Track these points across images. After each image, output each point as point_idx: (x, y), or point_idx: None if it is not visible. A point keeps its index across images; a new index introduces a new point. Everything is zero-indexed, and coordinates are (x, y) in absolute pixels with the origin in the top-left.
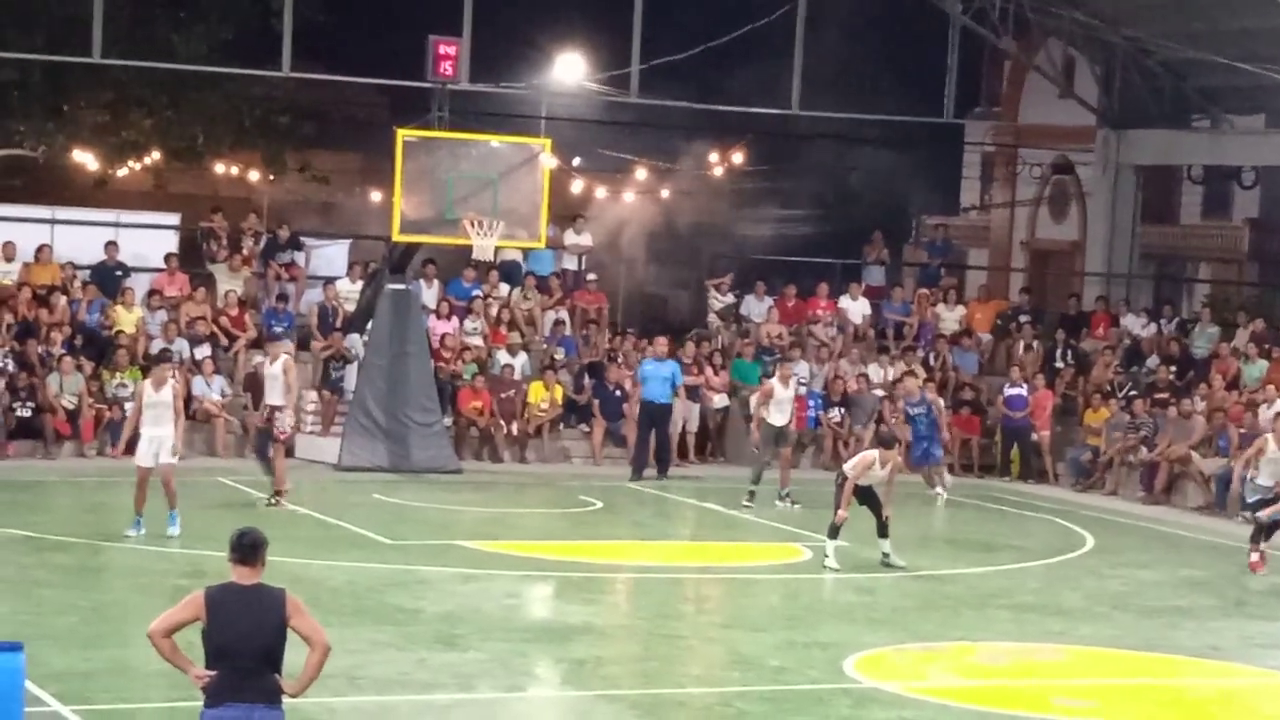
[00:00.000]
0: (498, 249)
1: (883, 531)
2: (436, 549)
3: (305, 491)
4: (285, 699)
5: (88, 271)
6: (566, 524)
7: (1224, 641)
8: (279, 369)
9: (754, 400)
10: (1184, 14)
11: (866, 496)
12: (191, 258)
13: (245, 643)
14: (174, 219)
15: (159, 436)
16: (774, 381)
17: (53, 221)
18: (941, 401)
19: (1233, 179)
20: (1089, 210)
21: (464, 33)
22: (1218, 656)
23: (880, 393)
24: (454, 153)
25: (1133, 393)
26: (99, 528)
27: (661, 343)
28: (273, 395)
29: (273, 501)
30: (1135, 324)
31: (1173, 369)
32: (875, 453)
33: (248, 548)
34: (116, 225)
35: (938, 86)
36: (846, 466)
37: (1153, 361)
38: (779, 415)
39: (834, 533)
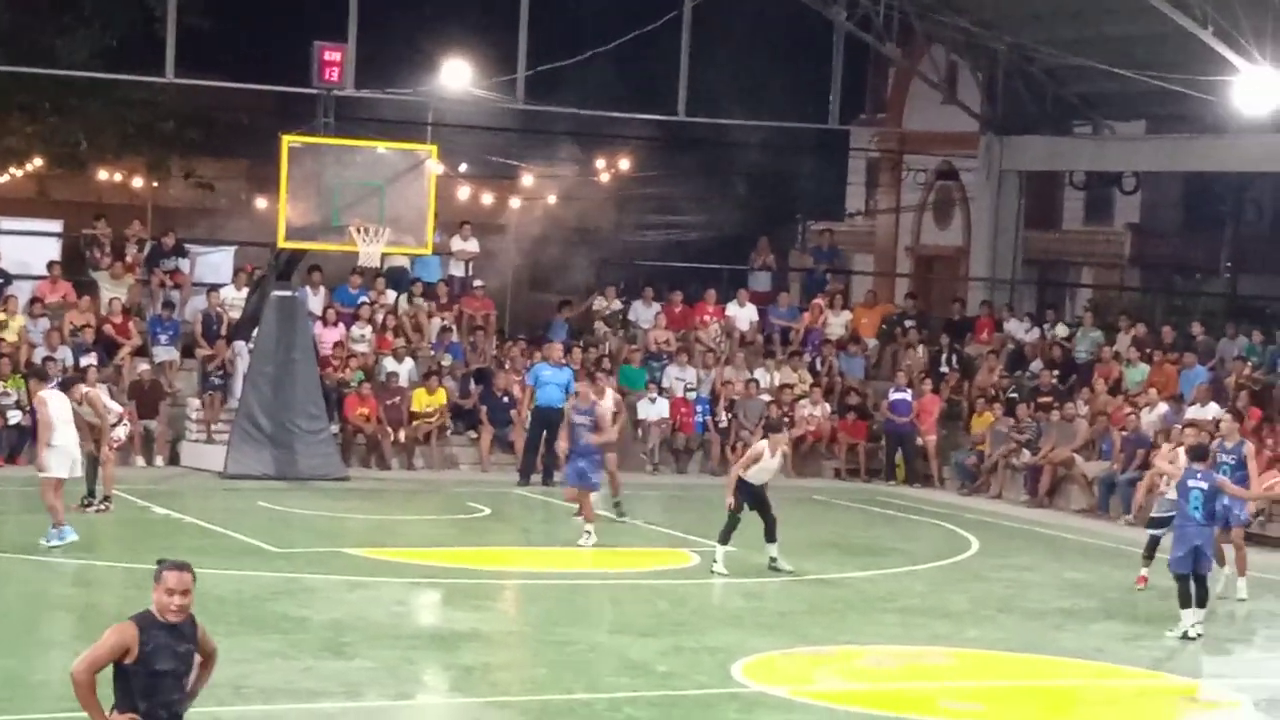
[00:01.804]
0: (384, 255)
1: (770, 536)
2: (323, 556)
3: (190, 499)
4: None
5: None
6: (454, 531)
7: (1107, 643)
8: (86, 409)
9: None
10: (1065, 21)
11: (757, 500)
12: (75, 265)
13: (174, 676)
14: (57, 226)
15: (70, 448)
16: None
17: None
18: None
19: (1114, 184)
20: (973, 216)
21: (349, 39)
22: (1101, 658)
23: (767, 397)
24: (340, 159)
25: (1016, 397)
26: None
27: (555, 348)
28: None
29: (102, 507)
30: (1019, 329)
31: (1056, 373)
32: (764, 443)
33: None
34: None
35: (823, 93)
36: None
37: (1036, 366)
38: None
39: (724, 538)
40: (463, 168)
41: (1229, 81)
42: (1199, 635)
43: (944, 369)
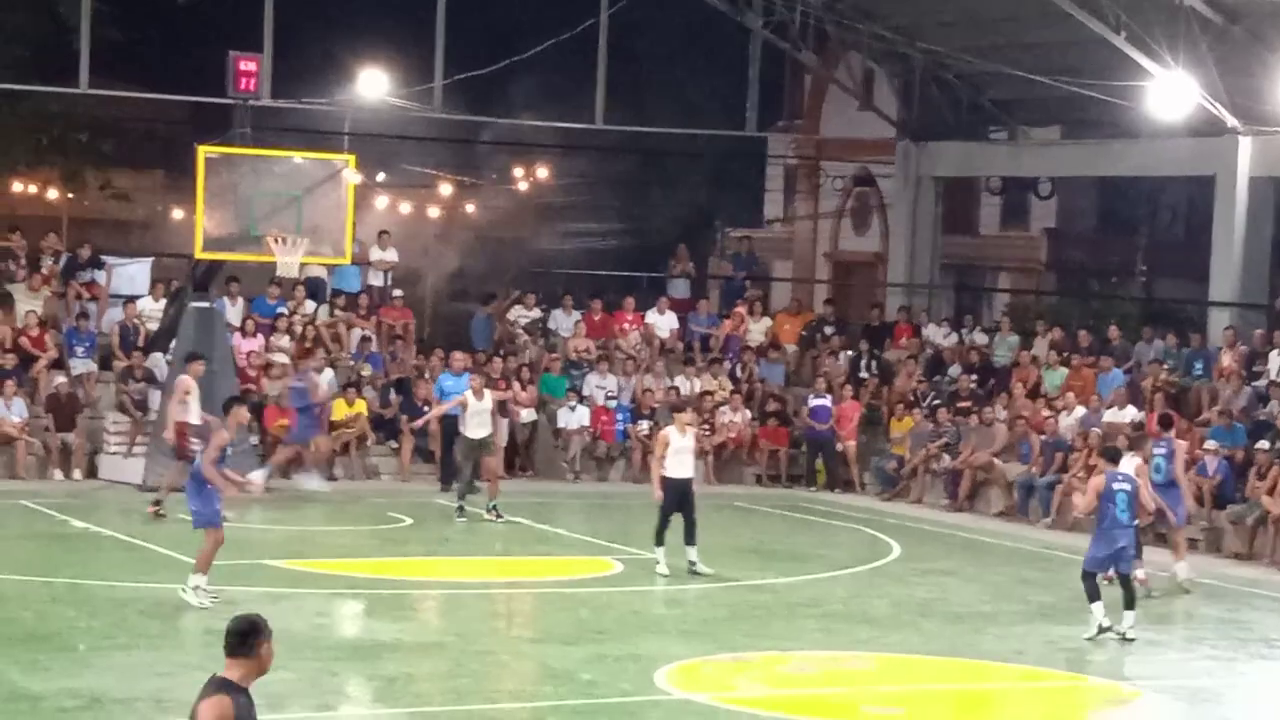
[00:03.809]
0: (302, 265)
1: (690, 539)
2: (244, 568)
3: (110, 513)
4: None
5: None
6: (375, 541)
7: (1027, 646)
8: None
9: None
10: (980, 28)
11: (683, 499)
12: None
13: None
14: None
15: None
16: (468, 393)
17: None
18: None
19: (1030, 190)
20: (890, 222)
21: (265, 48)
22: (1022, 661)
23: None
24: (257, 169)
25: (936, 402)
26: None
27: (458, 357)
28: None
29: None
30: (937, 334)
31: (974, 378)
32: (670, 427)
33: (229, 636)
34: None
35: (740, 100)
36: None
37: (955, 370)
38: (479, 428)
39: (659, 539)
40: (380, 177)
41: (1143, 87)
42: (1134, 638)
43: (863, 374)
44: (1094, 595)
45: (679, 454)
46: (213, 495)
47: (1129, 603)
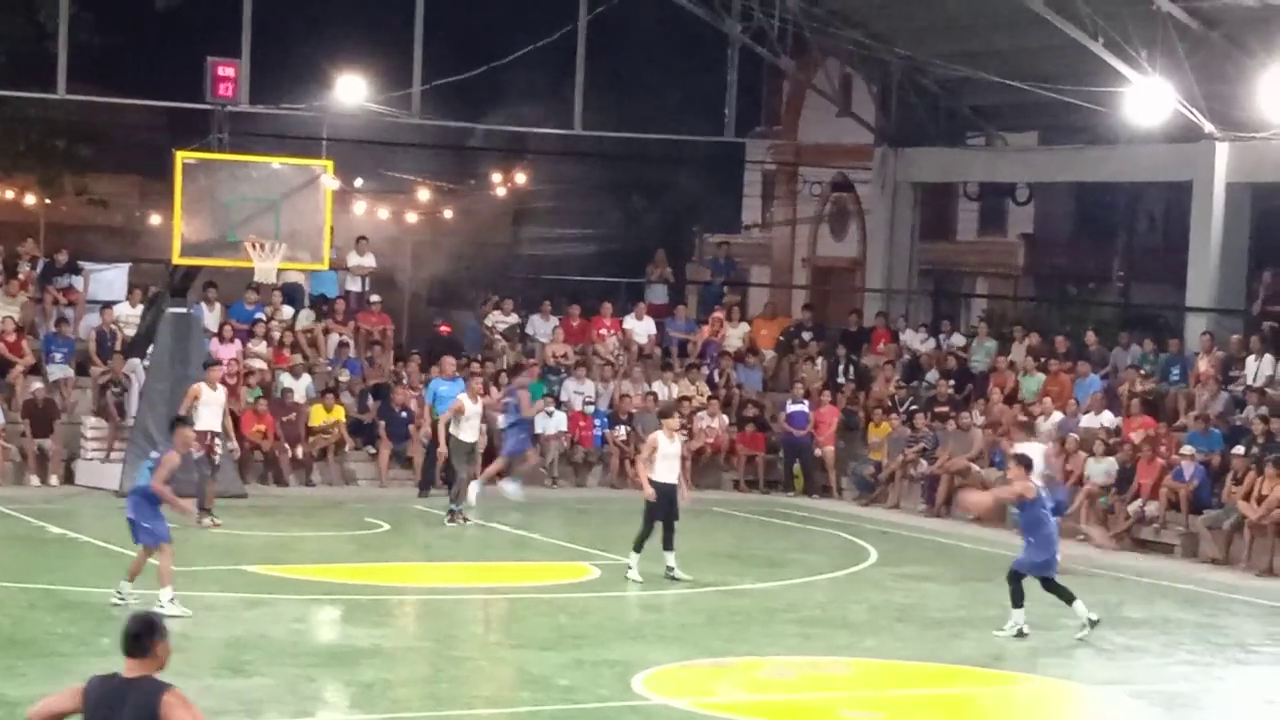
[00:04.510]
0: (280, 271)
1: (668, 544)
2: (221, 574)
3: (87, 518)
4: None
5: None
6: (353, 547)
7: (1006, 651)
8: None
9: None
10: (958, 34)
11: (666, 504)
12: None
13: None
14: None
15: None
16: (463, 397)
17: None
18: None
19: (1007, 195)
20: (868, 227)
21: (243, 54)
22: (1000, 666)
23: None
24: (234, 175)
25: (913, 407)
26: None
27: (449, 362)
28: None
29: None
30: (915, 339)
31: (952, 383)
32: (658, 431)
33: (127, 638)
34: None
35: (718, 106)
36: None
37: (932, 376)
38: (472, 432)
39: (639, 545)
40: (358, 183)
41: (1120, 92)
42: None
43: (841, 380)
44: (1019, 600)
45: (666, 459)
46: (160, 513)
47: (1071, 597)
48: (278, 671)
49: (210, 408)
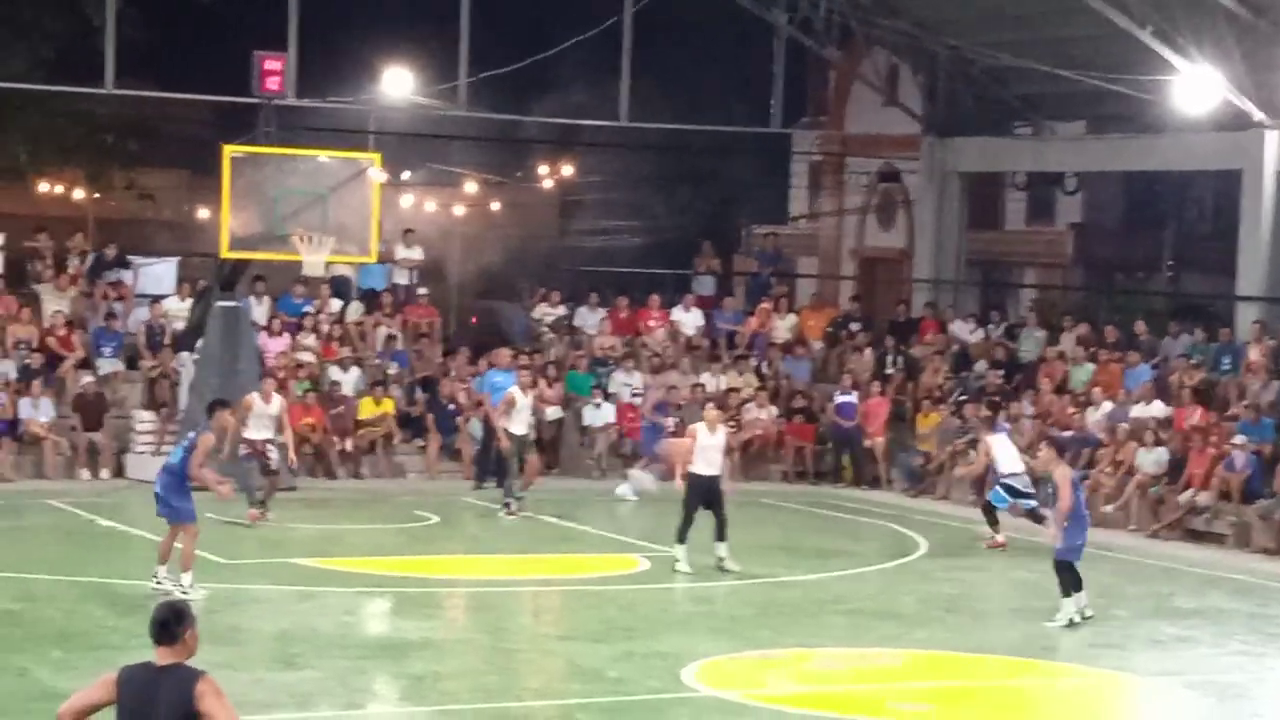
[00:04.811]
0: (328, 264)
1: (720, 535)
2: (271, 567)
3: (137, 512)
4: None
5: None
6: (402, 539)
7: (1056, 642)
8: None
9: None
10: (1004, 22)
11: (711, 496)
12: (17, 278)
13: None
14: None
15: None
16: (514, 389)
17: None
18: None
19: (1055, 185)
20: (916, 218)
21: (290, 48)
22: (1050, 657)
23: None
24: (282, 168)
25: (962, 398)
26: None
27: (504, 354)
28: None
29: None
30: (963, 329)
31: (1001, 373)
32: (700, 424)
33: (155, 626)
34: None
35: (764, 97)
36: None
37: (981, 366)
38: (523, 424)
39: (682, 536)
40: (405, 175)
41: (1168, 81)
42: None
43: (889, 370)
44: (1077, 584)
45: (706, 451)
46: (189, 494)
47: (1073, 591)
48: (328, 664)
49: (261, 419)
